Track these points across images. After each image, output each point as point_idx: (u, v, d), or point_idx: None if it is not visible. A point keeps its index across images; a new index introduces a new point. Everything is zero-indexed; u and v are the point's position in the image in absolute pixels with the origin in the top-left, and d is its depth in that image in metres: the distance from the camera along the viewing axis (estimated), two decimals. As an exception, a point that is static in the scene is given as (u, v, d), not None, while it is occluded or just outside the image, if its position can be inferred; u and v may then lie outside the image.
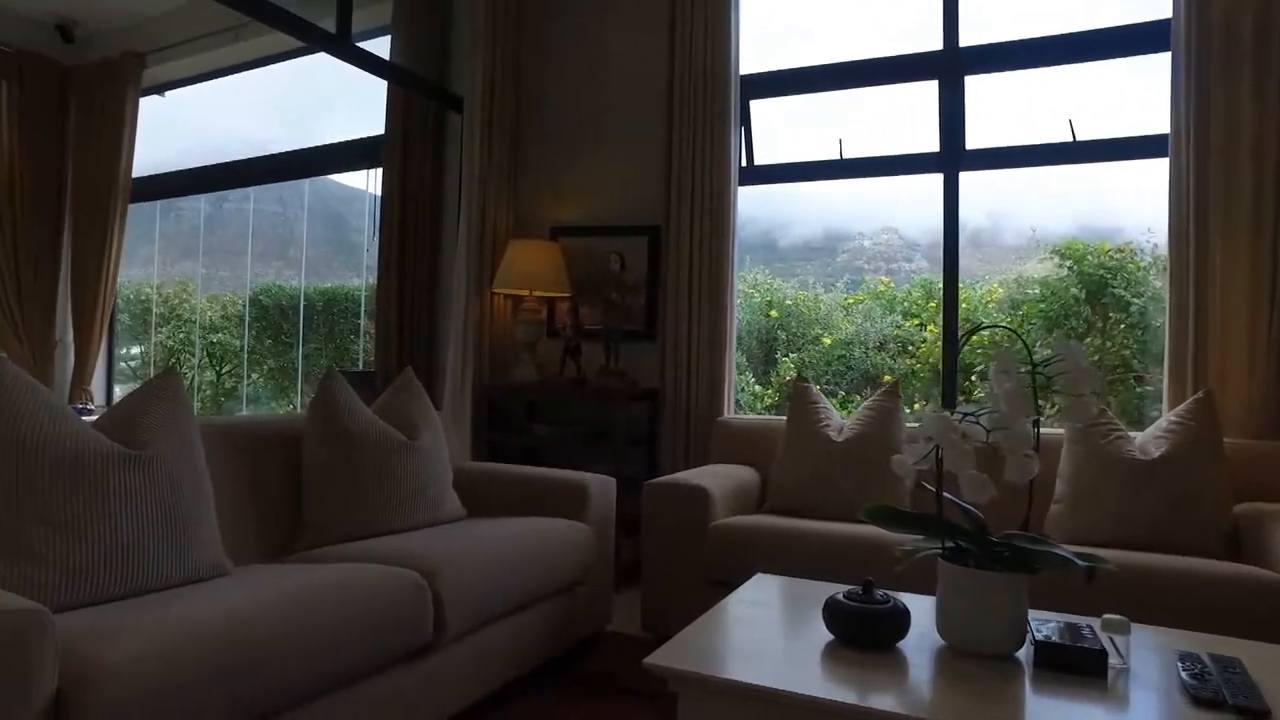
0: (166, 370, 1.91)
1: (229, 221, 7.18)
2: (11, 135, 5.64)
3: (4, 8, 5.59)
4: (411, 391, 2.57)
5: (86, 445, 1.64)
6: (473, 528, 2.37)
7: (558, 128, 4.11)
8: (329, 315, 6.25)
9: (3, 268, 5.57)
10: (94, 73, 5.82)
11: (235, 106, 6.58)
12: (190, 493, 1.81)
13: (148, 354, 7.00)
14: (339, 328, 6.19)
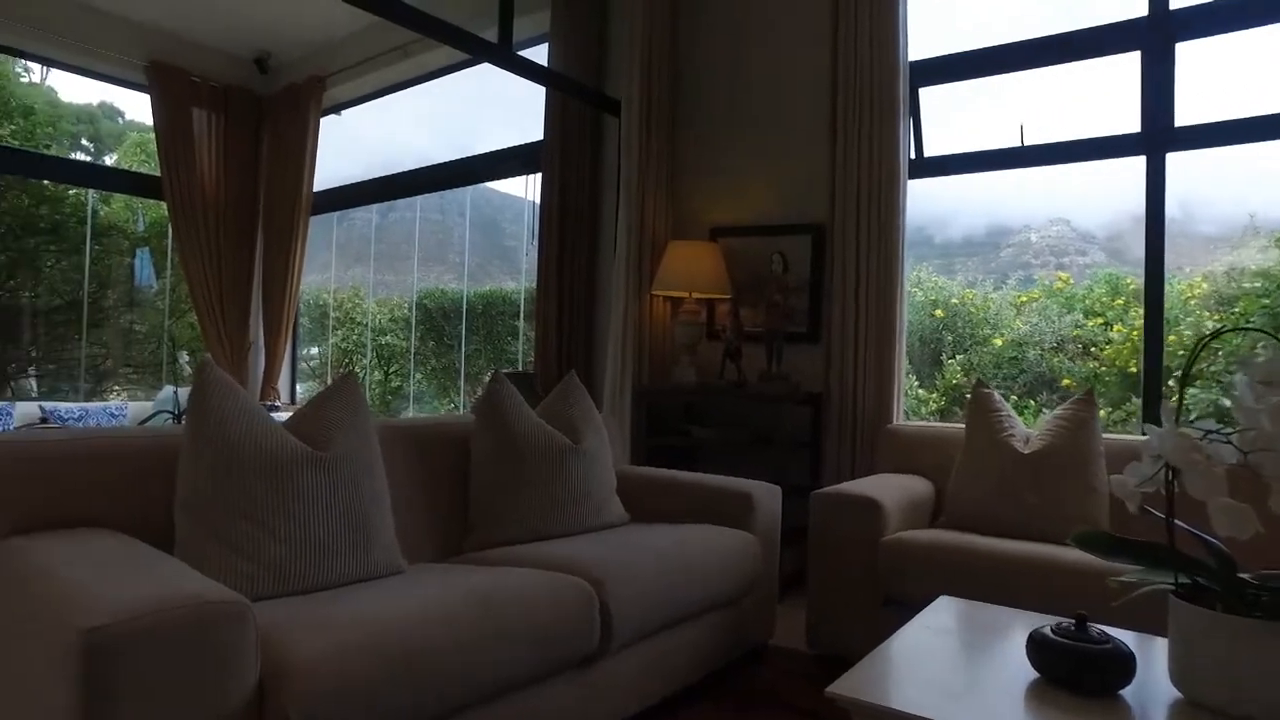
0: (346, 375, 1.99)
1: (394, 229, 7.58)
2: (216, 160, 6.21)
3: (212, 47, 6.16)
4: (575, 395, 2.57)
5: (279, 446, 1.72)
6: (638, 534, 2.33)
7: (716, 127, 4.04)
8: (487, 318, 6.44)
9: (208, 277, 6.13)
10: (282, 98, 6.30)
11: (402, 121, 6.94)
12: (370, 493, 1.86)
13: (325, 355, 7.50)
14: (497, 329, 6.38)
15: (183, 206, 6.03)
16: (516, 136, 5.09)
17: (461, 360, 6.54)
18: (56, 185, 6.87)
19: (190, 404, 1.68)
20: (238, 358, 6.34)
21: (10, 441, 1.63)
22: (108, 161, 8.04)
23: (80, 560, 1.39)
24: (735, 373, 3.63)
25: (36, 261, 6.90)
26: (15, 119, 7.03)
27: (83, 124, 7.97)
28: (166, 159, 5.97)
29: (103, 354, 7.42)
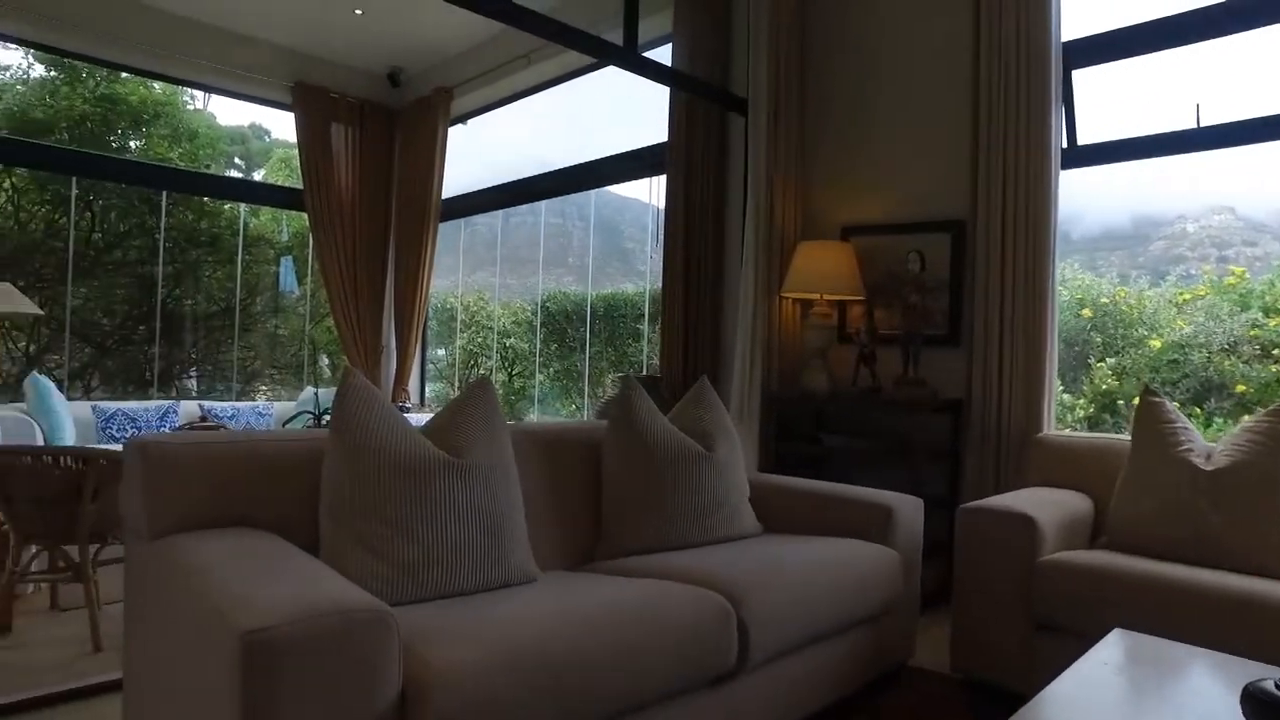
0: (481, 380, 1.99)
1: (516, 234, 7.75)
2: (352, 172, 6.51)
3: (349, 65, 6.46)
4: (707, 401, 2.50)
5: (418, 453, 1.73)
6: (773, 547, 2.24)
7: (848, 122, 3.88)
8: (609, 320, 6.46)
9: (344, 283, 6.44)
10: (413, 110, 6.54)
11: (525, 128, 7.07)
12: (506, 500, 1.86)
13: (451, 356, 7.74)
14: (618, 332, 6.40)
15: (322, 216, 6.34)
16: (639, 140, 5.08)
17: (585, 363, 6.60)
18: (214, 201, 7.40)
19: (334, 410, 1.71)
20: (371, 360, 6.62)
21: (187, 442, 1.71)
22: (256, 177, 8.60)
23: (238, 561, 1.43)
24: (869, 378, 3.47)
25: (197, 271, 7.45)
26: (183, 143, 7.62)
27: (235, 144, 8.57)
28: (308, 172, 6.30)
29: (251, 356, 7.93)
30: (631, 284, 7.07)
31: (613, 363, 6.46)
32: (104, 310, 7.02)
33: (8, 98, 6.82)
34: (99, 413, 5.18)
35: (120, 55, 5.68)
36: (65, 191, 6.60)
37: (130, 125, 7.26)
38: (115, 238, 7.04)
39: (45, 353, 6.71)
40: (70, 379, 6.77)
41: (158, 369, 7.15)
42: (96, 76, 7.04)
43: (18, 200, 6.63)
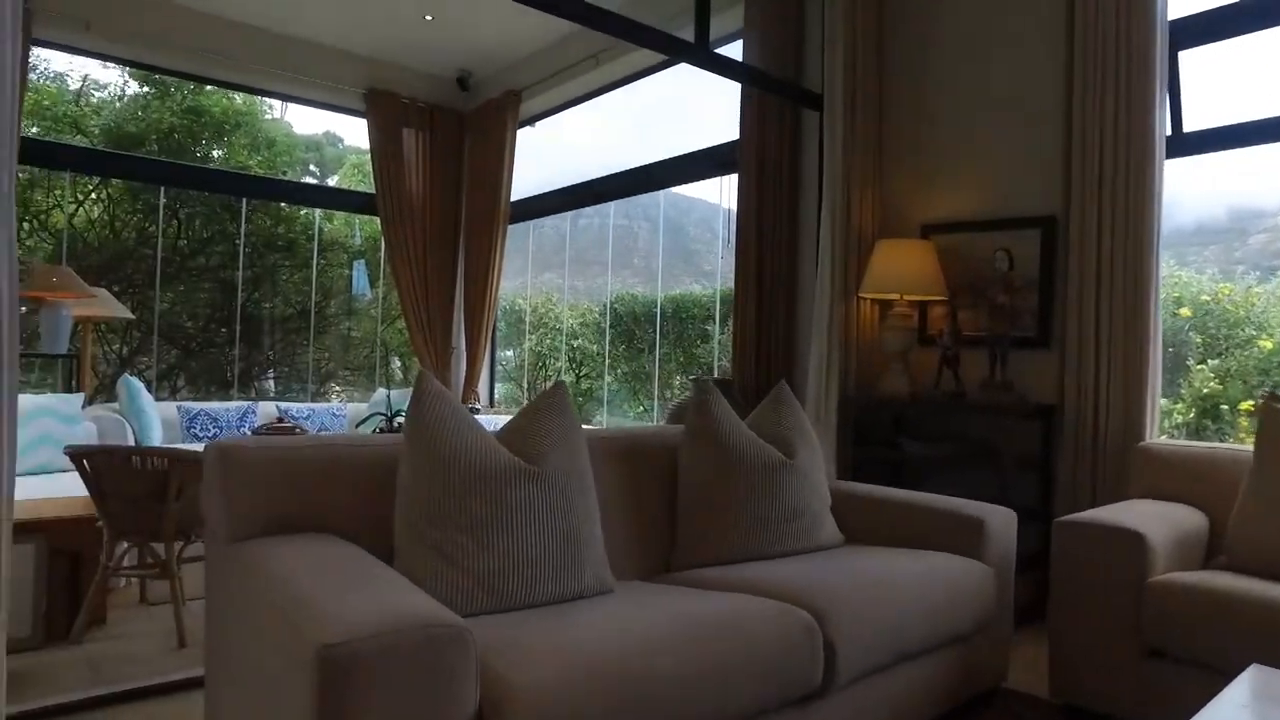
0: (556, 385, 1.94)
1: (583, 236, 7.74)
2: (422, 176, 6.59)
3: (420, 71, 6.55)
4: (787, 406, 2.41)
5: (493, 460, 1.69)
6: (858, 559, 2.14)
7: (928, 115, 3.72)
8: (677, 321, 6.39)
9: (415, 286, 6.52)
10: (482, 114, 6.59)
11: (593, 129, 7.06)
12: (582, 508, 1.80)
13: (520, 358, 7.79)
14: (687, 333, 6.33)
15: (393, 220, 6.44)
16: (708, 139, 5.01)
17: (655, 364, 6.55)
18: (291, 206, 7.60)
19: (409, 416, 1.69)
20: (441, 362, 6.69)
21: (265, 447, 1.71)
22: (330, 183, 8.82)
23: (314, 569, 1.41)
24: (953, 381, 3.32)
25: (274, 276, 7.67)
26: (261, 150, 7.86)
27: (310, 151, 8.80)
28: (380, 177, 6.41)
29: (326, 358, 8.12)
30: (699, 285, 7.01)
31: (681, 365, 6.39)
32: (189, 314, 7.28)
33: (105, 114, 7.13)
34: (183, 413, 5.35)
35: (205, 69, 5.87)
36: (154, 201, 6.87)
37: (214, 135, 7.51)
38: (199, 244, 7.29)
39: (137, 354, 6.99)
40: (158, 380, 7.04)
41: (238, 370, 7.38)
42: (183, 90, 7.31)
43: (113, 210, 6.93)
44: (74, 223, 6.76)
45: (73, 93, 7.05)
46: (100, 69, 7.01)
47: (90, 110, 7.10)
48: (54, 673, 2.65)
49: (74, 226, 6.75)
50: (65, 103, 6.98)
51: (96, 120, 7.08)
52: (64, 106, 6.95)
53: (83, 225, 6.82)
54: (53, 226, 6.63)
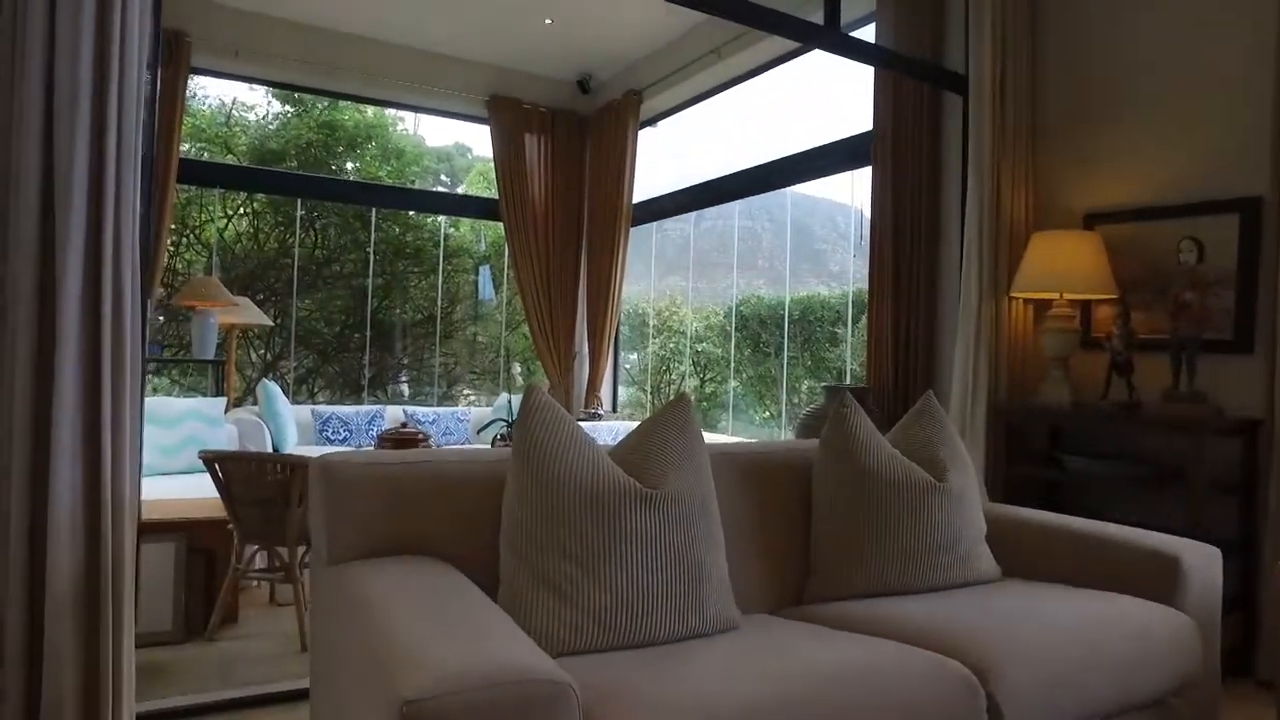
0: (678, 398, 1.76)
1: (708, 238, 7.57)
2: (545, 181, 6.59)
3: (540, 75, 6.56)
4: (934, 419, 2.13)
5: (607, 481, 1.52)
6: (1021, 599, 1.84)
7: (1093, 90, 3.30)
8: (804, 324, 6.16)
9: (538, 291, 6.52)
10: (603, 116, 6.52)
11: (716, 127, 6.88)
12: (704, 536, 1.62)
13: (644, 361, 7.71)
14: (814, 337, 6.12)
15: (517, 225, 6.46)
16: (836, 133, 4.72)
17: (783, 368, 6.31)
18: (418, 214, 7.81)
19: (515, 432, 1.55)
20: (564, 366, 6.66)
21: (368, 463, 1.62)
22: (459, 191, 9.03)
23: (408, 604, 1.28)
24: (1124, 390, 2.91)
25: (404, 282, 7.90)
26: (391, 161, 8.13)
27: (442, 161, 9.05)
28: (503, 183, 6.45)
29: (453, 362, 8.30)
30: (825, 286, 6.74)
31: (809, 369, 6.16)
32: (325, 320, 7.59)
33: (251, 133, 7.57)
34: (317, 416, 5.53)
35: (339, 85, 6.10)
36: (293, 213, 7.21)
37: (347, 148, 7.82)
38: (333, 252, 7.60)
39: (279, 359, 7.34)
40: (297, 383, 7.37)
41: (370, 374, 7.63)
42: (319, 106, 7.65)
43: (257, 223, 7.32)
44: (224, 236, 7.19)
45: (223, 115, 7.50)
46: (247, 91, 7.43)
47: (238, 130, 7.53)
48: (187, 668, 2.76)
49: (224, 239, 7.17)
50: (217, 125, 7.43)
51: (244, 139, 7.51)
52: (215, 129, 7.40)
53: (231, 238, 7.23)
54: (206, 240, 7.07)
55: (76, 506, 1.74)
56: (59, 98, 1.72)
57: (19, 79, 1.71)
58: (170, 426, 4.24)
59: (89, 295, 1.75)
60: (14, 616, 1.71)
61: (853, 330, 5.98)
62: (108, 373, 1.75)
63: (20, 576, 1.71)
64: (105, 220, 1.76)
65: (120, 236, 1.80)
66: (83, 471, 1.75)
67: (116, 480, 1.79)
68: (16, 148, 1.71)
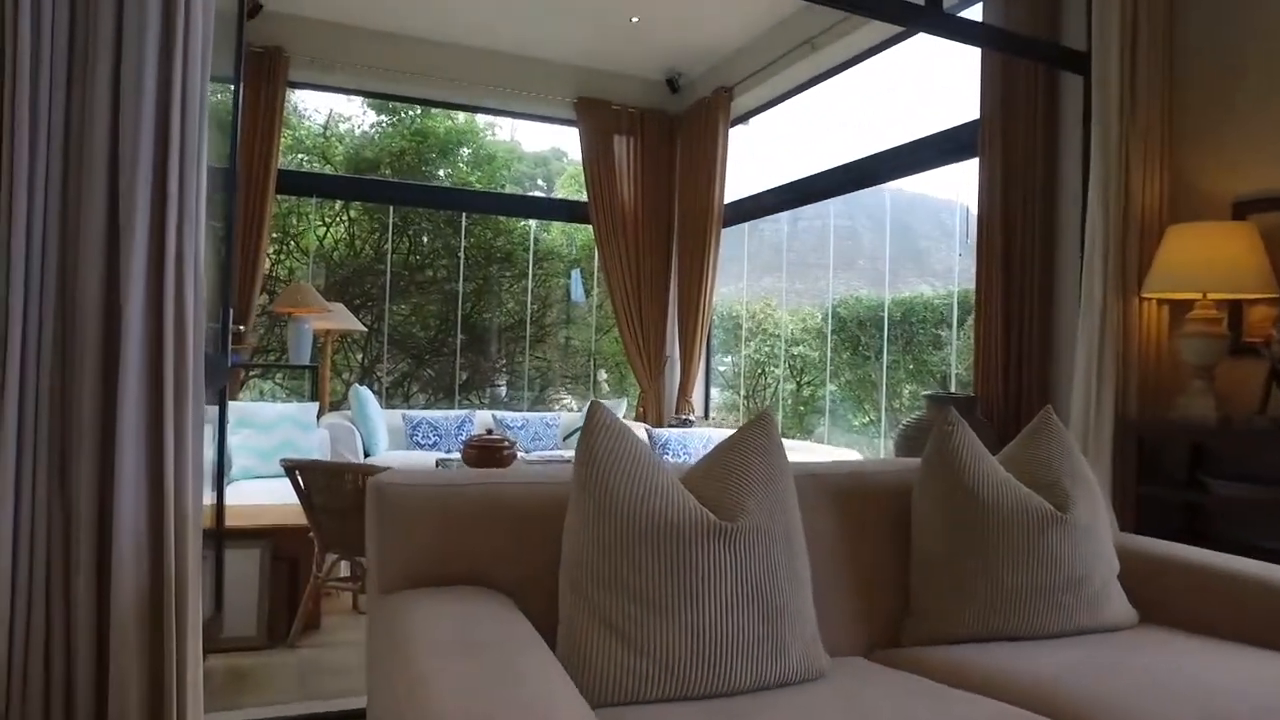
0: (759, 416, 1.59)
1: (803, 237, 7.31)
2: (634, 182, 6.49)
3: (629, 75, 6.46)
4: (1054, 439, 1.87)
5: (677, 510, 1.36)
6: (1167, 655, 1.58)
7: (1246, 59, 2.92)
8: (905, 326, 5.87)
9: (628, 294, 6.41)
10: (692, 114, 6.36)
11: (810, 122, 6.63)
12: (787, 572, 1.43)
13: (737, 365, 7.52)
14: (916, 339, 5.83)
15: (606, 228, 6.38)
16: (939, 124, 4.42)
17: (883, 371, 6.02)
18: (509, 218, 7.85)
19: (577, 455, 1.41)
20: (655, 370, 6.53)
21: (422, 484, 1.51)
22: (554, 196, 9.05)
23: (453, 646, 1.15)
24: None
25: (496, 286, 7.95)
26: (482, 166, 8.20)
27: (539, 166, 9.10)
28: (592, 185, 6.37)
29: (544, 366, 8.30)
30: (928, 286, 6.40)
31: (910, 373, 5.85)
32: (419, 324, 7.71)
33: (347, 143, 7.77)
34: (407, 421, 5.58)
35: (430, 92, 6.17)
36: (387, 219, 7.35)
37: (439, 155, 7.93)
38: (426, 258, 7.71)
39: (376, 363, 7.50)
40: (392, 387, 7.51)
41: (462, 378, 7.70)
42: (412, 115, 7.79)
43: (353, 230, 7.50)
44: (323, 243, 7.39)
45: (322, 127, 7.73)
46: (344, 103, 7.63)
47: (335, 140, 7.75)
48: (268, 675, 2.77)
49: (322, 246, 7.38)
50: (314, 136, 7.66)
51: (340, 150, 7.71)
52: (313, 140, 7.63)
53: (329, 246, 7.43)
54: (305, 248, 7.28)
55: (140, 527, 1.70)
56: (124, 110, 1.69)
57: (89, 85, 1.69)
58: (265, 431, 4.33)
59: (151, 311, 1.71)
60: (83, 642, 1.69)
61: (958, 333, 5.68)
62: (170, 392, 1.71)
63: (88, 601, 1.68)
64: (168, 233, 1.72)
65: (183, 249, 1.76)
66: (147, 491, 1.71)
67: (180, 497, 1.75)
68: (87, 156, 1.69)
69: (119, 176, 1.71)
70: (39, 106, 1.68)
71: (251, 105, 5.34)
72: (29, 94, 1.66)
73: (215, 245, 2.72)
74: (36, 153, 1.69)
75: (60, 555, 1.69)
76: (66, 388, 1.70)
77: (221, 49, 2.69)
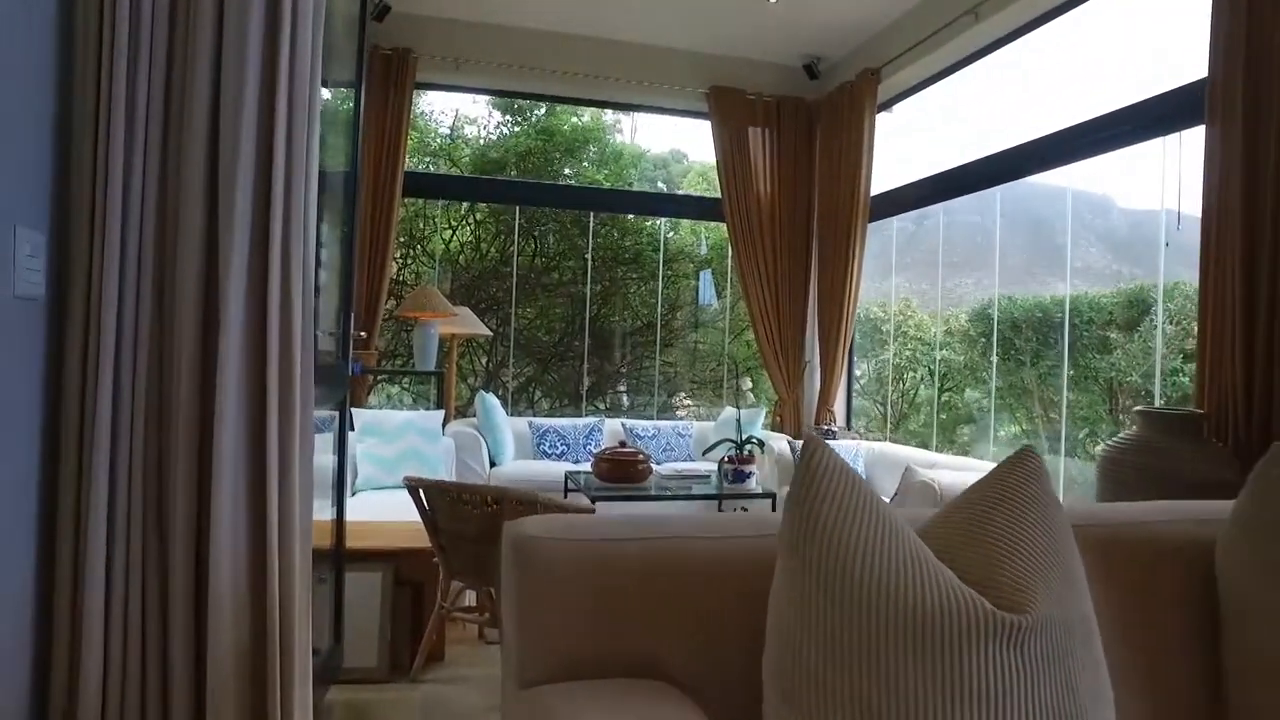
0: (1021, 455, 1.13)
1: (952, 232, 6.78)
2: (770, 175, 6.06)
3: (764, 62, 6.04)
4: None
5: (935, 596, 0.94)
6: None
7: None
8: (1071, 327, 5.37)
9: (764, 294, 5.98)
10: (834, 101, 5.88)
11: (968, 105, 6.05)
12: (1088, 683, 0.99)
13: (876, 370, 6.99)
14: (1082, 341, 5.34)
15: (741, 225, 5.98)
16: (1127, 96, 3.82)
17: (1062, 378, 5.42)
18: (637, 218, 7.56)
19: (789, 509, 1.01)
20: (792, 377, 6.07)
21: (580, 539, 1.14)
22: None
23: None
24: None
25: (623, 289, 7.68)
26: (609, 165, 7.97)
27: (659, 169, 8.83)
28: (726, 180, 5.99)
29: (673, 371, 7.97)
30: (1088, 285, 5.89)
31: (1074, 380, 5.35)
32: (545, 328, 7.53)
33: (473, 144, 7.70)
34: (534, 429, 5.34)
35: (557, 88, 5.95)
36: (513, 221, 7.20)
37: (564, 154, 7.74)
38: (552, 260, 7.52)
39: (501, 368, 7.37)
40: (516, 392, 7.36)
41: (589, 383, 7.47)
42: (537, 114, 7.63)
43: (479, 233, 7.41)
44: (449, 247, 7.33)
45: (448, 129, 7.68)
46: (470, 105, 7.57)
47: (461, 143, 7.69)
48: (390, 713, 2.52)
49: (448, 250, 7.31)
50: (440, 138, 7.62)
51: (466, 151, 7.65)
52: (439, 143, 7.59)
53: (455, 249, 7.36)
54: (432, 251, 7.23)
55: (240, 567, 1.44)
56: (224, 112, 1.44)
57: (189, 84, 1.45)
58: (390, 440, 4.16)
59: (253, 319, 1.45)
60: (180, 700, 1.44)
61: (1129, 334, 5.27)
62: (274, 409, 1.44)
63: (185, 657, 1.43)
64: (273, 237, 1.45)
65: (290, 253, 1.49)
66: (247, 526, 1.45)
67: (285, 530, 1.48)
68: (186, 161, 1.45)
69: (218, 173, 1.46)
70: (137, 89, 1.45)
71: (379, 108, 5.26)
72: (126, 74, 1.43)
73: (338, 250, 2.50)
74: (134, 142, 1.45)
75: (156, 603, 1.45)
76: (163, 402, 1.45)
77: (345, 53, 2.46)
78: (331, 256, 2.44)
